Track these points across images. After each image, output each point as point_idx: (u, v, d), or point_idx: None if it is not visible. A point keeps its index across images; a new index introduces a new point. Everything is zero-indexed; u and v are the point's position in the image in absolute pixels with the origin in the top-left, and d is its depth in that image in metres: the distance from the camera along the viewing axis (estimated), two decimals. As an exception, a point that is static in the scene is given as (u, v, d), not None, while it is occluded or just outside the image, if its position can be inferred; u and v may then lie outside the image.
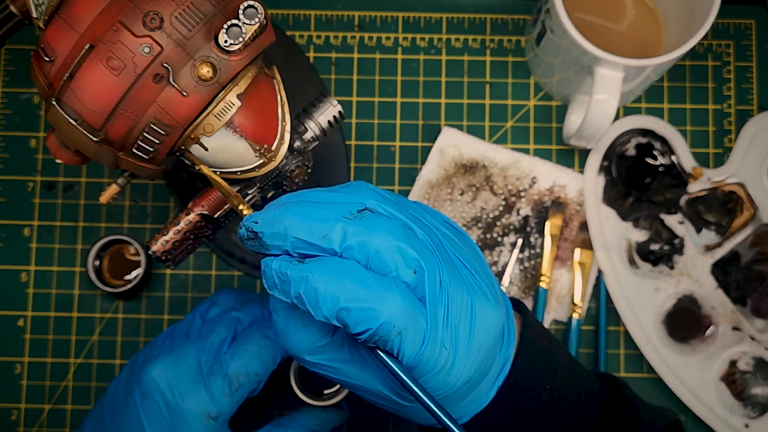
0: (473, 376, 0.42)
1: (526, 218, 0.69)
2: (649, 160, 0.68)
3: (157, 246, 0.51)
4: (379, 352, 0.38)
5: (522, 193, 0.69)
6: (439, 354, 0.39)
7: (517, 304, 0.50)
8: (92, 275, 0.66)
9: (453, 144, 0.69)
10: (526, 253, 0.69)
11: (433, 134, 0.70)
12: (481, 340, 0.41)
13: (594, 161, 0.68)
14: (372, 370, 0.42)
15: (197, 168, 0.49)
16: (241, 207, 0.44)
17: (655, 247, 0.68)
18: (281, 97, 0.49)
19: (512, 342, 0.46)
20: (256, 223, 0.40)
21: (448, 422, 0.38)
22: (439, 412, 0.38)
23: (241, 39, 0.44)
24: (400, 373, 0.38)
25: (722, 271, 0.68)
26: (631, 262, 0.68)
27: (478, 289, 0.42)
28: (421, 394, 0.38)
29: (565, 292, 0.69)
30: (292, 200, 0.41)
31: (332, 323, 0.38)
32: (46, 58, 0.44)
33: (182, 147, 0.47)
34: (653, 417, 0.50)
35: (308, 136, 0.53)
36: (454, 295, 0.40)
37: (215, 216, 0.51)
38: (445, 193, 0.69)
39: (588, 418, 0.49)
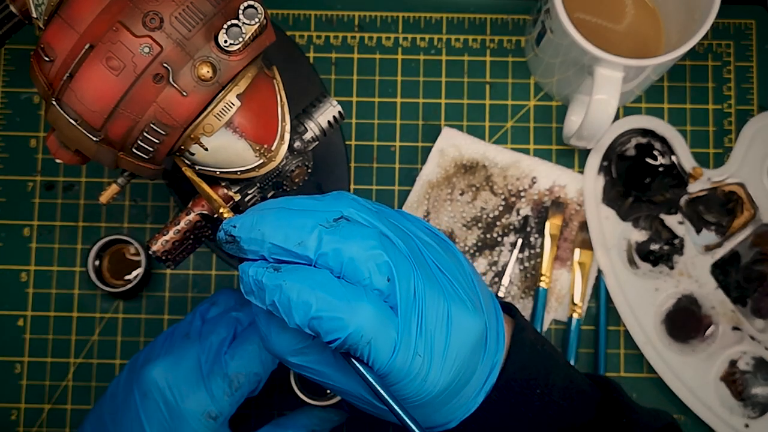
0: (452, 382, 0.42)
1: (526, 218, 0.69)
2: (649, 160, 0.68)
3: (158, 246, 0.51)
4: (352, 359, 0.39)
5: (522, 193, 0.69)
6: (412, 362, 0.40)
7: (509, 309, 0.50)
8: (92, 275, 0.66)
9: (453, 144, 0.69)
10: (526, 253, 0.69)
11: (433, 134, 0.70)
12: (459, 347, 0.42)
13: (594, 161, 0.68)
14: (352, 374, 0.43)
15: (197, 169, 0.49)
16: (221, 210, 0.44)
17: (654, 247, 0.68)
18: (281, 97, 0.49)
19: (501, 347, 0.46)
20: (235, 227, 0.41)
21: (414, 428, 0.39)
22: (406, 418, 0.39)
23: (241, 39, 0.44)
24: (370, 379, 0.39)
25: (722, 271, 0.68)
26: (631, 262, 0.68)
27: (455, 296, 0.42)
28: (387, 398, 0.39)
29: (565, 292, 0.69)
30: (270, 206, 0.41)
31: (305, 331, 0.39)
32: (46, 58, 0.44)
33: (182, 147, 0.47)
34: (647, 420, 0.50)
35: (308, 136, 0.53)
36: (430, 303, 0.41)
37: (215, 216, 0.51)
38: (445, 193, 0.69)
39: (580, 421, 0.49)
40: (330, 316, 0.38)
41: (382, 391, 0.39)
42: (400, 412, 0.39)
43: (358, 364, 0.39)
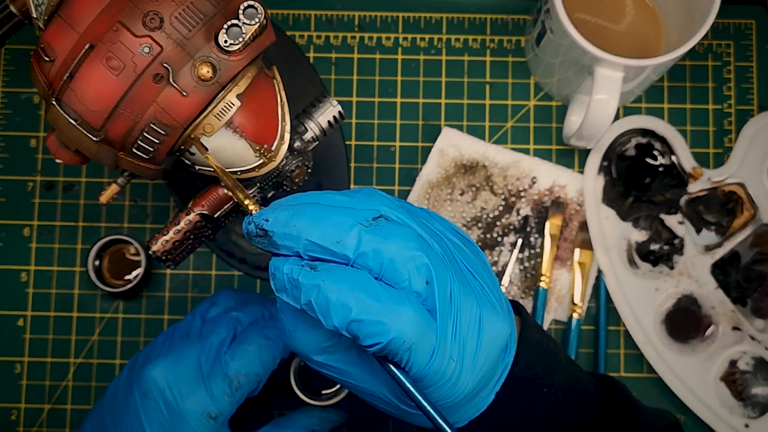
0: (478, 385, 0.42)
1: (526, 218, 0.69)
2: (649, 160, 0.68)
3: (158, 246, 0.51)
4: (388, 363, 0.38)
5: (522, 193, 0.69)
6: (446, 366, 0.39)
7: (516, 307, 0.50)
8: (92, 275, 0.66)
9: (453, 144, 0.69)
10: (526, 253, 0.69)
11: (433, 134, 0.70)
12: (488, 351, 0.41)
13: (594, 161, 0.68)
14: (378, 375, 0.42)
15: (197, 168, 0.49)
16: (246, 202, 0.44)
17: (654, 247, 0.68)
18: (281, 97, 0.49)
19: (513, 347, 0.46)
20: (267, 221, 0.40)
21: None
22: (443, 424, 0.38)
23: (241, 39, 0.44)
24: (408, 385, 0.38)
25: (722, 271, 0.68)
26: (631, 262, 0.68)
27: (486, 300, 0.42)
28: (426, 406, 0.38)
29: (565, 292, 0.69)
30: (305, 201, 0.40)
31: (342, 333, 0.38)
32: (46, 58, 0.44)
33: (182, 147, 0.47)
34: (651, 419, 0.50)
35: (308, 136, 0.53)
36: (464, 307, 0.40)
37: (215, 216, 0.51)
38: (445, 193, 0.69)
39: (584, 421, 0.49)
40: (371, 320, 0.37)
41: (419, 397, 0.38)
42: (437, 417, 0.38)
43: (394, 369, 0.38)
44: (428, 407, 0.38)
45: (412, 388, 0.38)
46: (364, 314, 0.37)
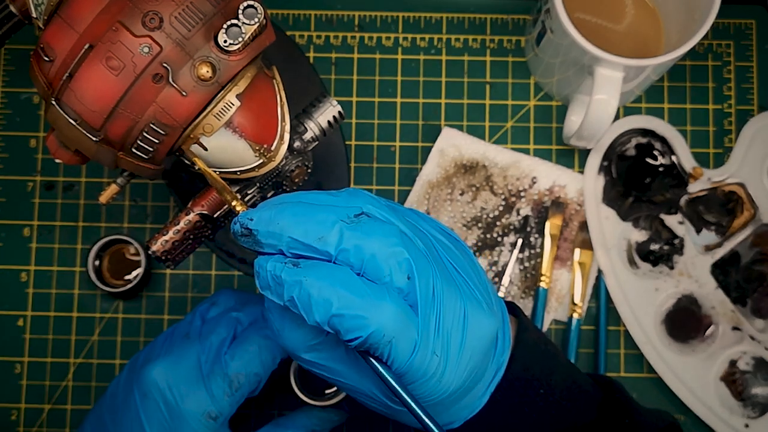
0: (465, 382, 0.42)
1: (526, 218, 0.69)
2: (649, 160, 0.68)
3: (157, 246, 0.51)
4: (370, 358, 0.39)
5: (522, 193, 0.69)
6: (429, 361, 0.39)
7: (513, 308, 0.50)
8: (92, 275, 0.66)
9: (453, 144, 0.69)
10: (526, 253, 0.69)
11: (433, 134, 0.70)
12: (473, 348, 0.41)
13: (594, 161, 0.68)
14: (367, 373, 0.42)
15: (196, 168, 0.49)
16: (234, 203, 0.44)
17: (654, 247, 0.68)
18: (281, 97, 0.49)
19: (507, 347, 0.46)
20: (251, 220, 0.40)
21: (435, 429, 0.38)
22: (426, 420, 0.38)
23: (240, 39, 0.44)
24: (390, 379, 0.39)
25: (722, 271, 0.68)
26: (631, 262, 0.68)
27: (471, 297, 0.42)
28: (409, 400, 0.39)
29: (565, 292, 0.69)
30: (289, 200, 0.41)
31: (324, 329, 0.38)
32: (46, 58, 0.44)
33: (182, 147, 0.47)
34: (649, 420, 0.50)
35: (308, 136, 0.53)
36: (447, 302, 0.40)
37: (215, 216, 0.51)
38: (445, 193, 0.69)
39: (582, 422, 0.49)
40: (351, 314, 0.37)
41: (401, 392, 0.39)
42: (420, 413, 0.38)
43: (376, 363, 0.39)
44: (410, 401, 0.39)
45: (394, 383, 0.39)
46: (344, 309, 0.37)
